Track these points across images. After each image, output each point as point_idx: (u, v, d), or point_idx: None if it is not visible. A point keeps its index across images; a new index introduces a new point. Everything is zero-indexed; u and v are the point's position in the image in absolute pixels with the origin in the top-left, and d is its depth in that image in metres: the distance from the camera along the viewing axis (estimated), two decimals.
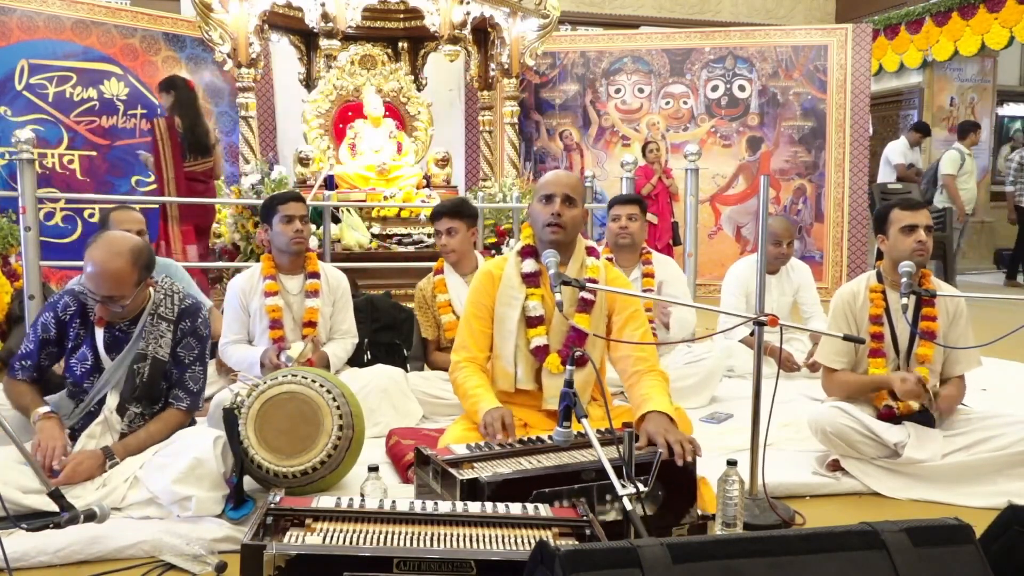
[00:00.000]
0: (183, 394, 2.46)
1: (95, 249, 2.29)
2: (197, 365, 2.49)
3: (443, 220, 3.50)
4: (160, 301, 2.43)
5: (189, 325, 2.46)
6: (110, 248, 2.29)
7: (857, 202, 7.23)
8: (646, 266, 3.85)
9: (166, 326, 2.42)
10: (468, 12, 5.72)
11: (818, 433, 2.63)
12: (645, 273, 3.83)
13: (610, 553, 1.20)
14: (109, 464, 2.29)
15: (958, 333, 2.72)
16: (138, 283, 2.33)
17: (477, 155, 7.23)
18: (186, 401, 2.47)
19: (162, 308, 2.42)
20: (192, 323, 2.47)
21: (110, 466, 2.29)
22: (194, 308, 2.49)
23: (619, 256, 3.84)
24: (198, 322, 2.48)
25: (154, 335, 2.40)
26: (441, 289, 3.54)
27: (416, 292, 3.65)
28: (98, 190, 5.97)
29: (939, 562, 1.25)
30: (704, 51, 7.43)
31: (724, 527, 2.07)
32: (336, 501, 1.67)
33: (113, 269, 2.27)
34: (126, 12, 6.45)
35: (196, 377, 2.49)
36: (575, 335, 2.47)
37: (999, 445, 2.51)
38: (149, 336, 2.39)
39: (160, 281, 2.47)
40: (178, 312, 2.45)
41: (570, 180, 2.50)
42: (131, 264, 2.29)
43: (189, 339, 2.46)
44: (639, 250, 3.87)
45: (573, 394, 1.86)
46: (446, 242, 3.50)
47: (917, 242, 2.62)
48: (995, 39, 8.01)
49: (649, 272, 3.83)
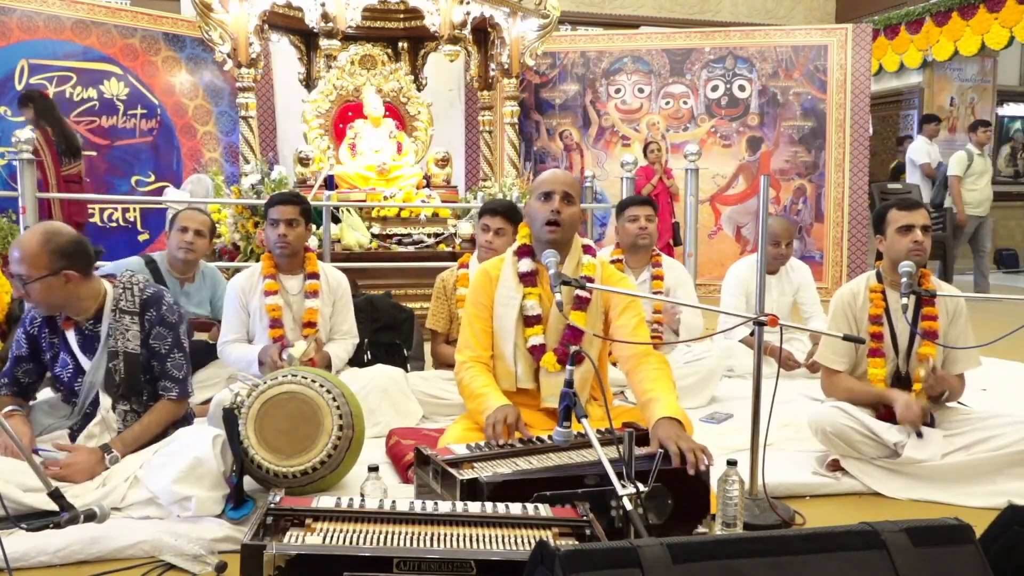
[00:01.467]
0: (170, 383, 2.45)
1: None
2: (176, 352, 2.46)
3: (497, 218, 3.45)
4: (120, 296, 2.41)
5: (155, 314, 2.43)
6: (35, 228, 2.33)
7: (857, 202, 7.23)
8: (656, 268, 3.85)
9: (130, 319, 2.40)
10: (468, 12, 5.72)
11: (818, 433, 2.62)
12: (655, 275, 3.83)
13: (610, 553, 1.20)
14: (108, 459, 2.29)
15: (958, 332, 2.72)
16: (50, 269, 2.26)
17: (477, 155, 7.24)
18: (175, 390, 2.45)
19: (123, 302, 2.40)
20: (157, 311, 2.43)
21: (110, 460, 2.29)
22: (156, 296, 2.45)
23: (631, 257, 3.84)
24: (163, 310, 2.44)
25: (120, 330, 2.38)
26: (463, 283, 3.51)
27: (437, 281, 3.61)
28: (98, 190, 5.98)
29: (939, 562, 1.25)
30: (704, 51, 7.43)
31: (724, 527, 2.07)
32: (336, 501, 1.67)
33: (23, 243, 2.27)
34: (126, 12, 6.45)
35: (179, 364, 2.46)
36: (571, 333, 2.47)
37: (999, 445, 2.51)
38: (116, 332, 2.38)
39: (119, 276, 2.45)
40: (140, 303, 2.42)
41: (568, 178, 2.50)
42: (41, 245, 2.25)
43: (158, 328, 2.43)
44: (651, 252, 3.88)
45: (573, 394, 1.86)
46: (492, 240, 3.44)
47: (913, 242, 2.62)
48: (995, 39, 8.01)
49: (659, 274, 3.83)
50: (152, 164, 6.46)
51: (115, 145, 6.25)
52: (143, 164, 6.41)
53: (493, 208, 3.51)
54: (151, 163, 6.46)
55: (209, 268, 3.70)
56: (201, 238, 3.46)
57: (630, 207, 3.84)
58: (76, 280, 2.32)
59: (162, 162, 6.51)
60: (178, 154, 6.61)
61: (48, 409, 2.51)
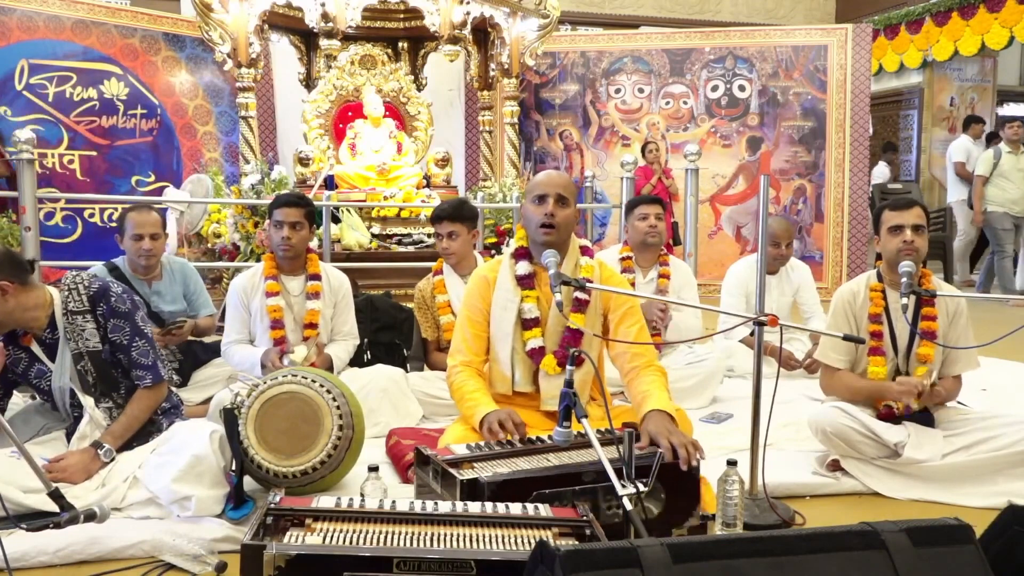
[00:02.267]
0: (141, 372, 2.44)
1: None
2: (138, 339, 2.44)
3: (444, 224, 3.47)
4: (67, 298, 2.40)
5: (105, 308, 2.42)
6: None
7: (857, 202, 7.23)
8: (663, 267, 3.86)
9: (83, 318, 2.39)
10: (468, 12, 5.72)
11: (818, 433, 2.63)
12: (661, 274, 3.84)
13: (610, 553, 1.20)
14: (102, 453, 2.30)
15: (958, 333, 2.72)
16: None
17: (477, 155, 7.24)
18: (148, 376, 2.44)
19: (71, 303, 2.39)
20: (107, 304, 2.42)
21: (104, 455, 2.30)
22: (102, 290, 2.44)
23: (640, 256, 3.85)
24: (112, 301, 2.43)
25: (76, 331, 2.38)
26: (440, 290, 3.53)
27: (415, 293, 3.64)
28: (98, 190, 5.97)
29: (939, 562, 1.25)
30: (704, 51, 7.43)
31: (724, 527, 2.07)
32: (336, 501, 1.67)
33: None
34: (126, 12, 6.45)
35: (143, 351, 2.45)
36: (570, 335, 2.47)
37: (999, 445, 2.51)
38: (72, 335, 2.38)
39: (63, 279, 2.44)
40: (88, 300, 2.41)
41: (562, 180, 2.48)
42: None
43: (113, 321, 2.42)
44: (659, 251, 3.89)
45: (573, 394, 1.86)
46: (447, 245, 3.48)
47: (903, 242, 2.63)
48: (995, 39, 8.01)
49: (665, 273, 3.84)
50: (152, 164, 6.46)
51: (115, 145, 6.25)
52: (143, 164, 6.41)
53: (438, 215, 3.51)
54: (151, 163, 6.45)
55: (175, 261, 3.62)
56: (156, 240, 3.35)
57: (640, 206, 3.85)
58: (13, 291, 2.28)
59: (162, 162, 6.51)
60: (178, 154, 6.61)
61: (45, 410, 2.52)
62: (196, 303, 3.58)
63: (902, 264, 2.59)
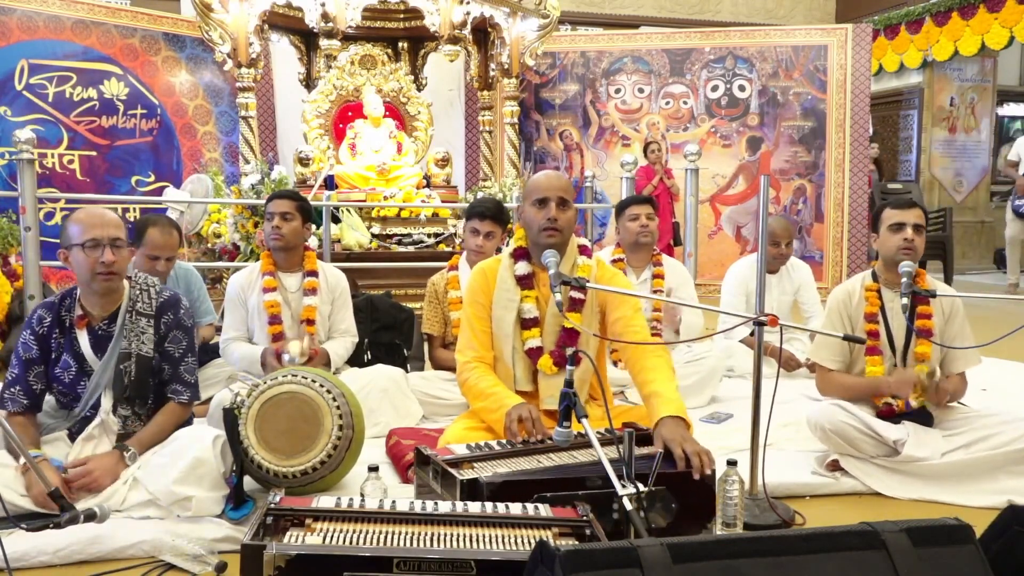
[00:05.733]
0: (182, 387, 2.44)
1: None
2: (189, 356, 2.46)
3: (487, 222, 3.40)
4: (136, 296, 2.38)
5: (172, 318, 2.42)
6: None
7: (857, 202, 7.23)
8: (656, 267, 3.85)
9: (146, 322, 2.38)
10: (468, 12, 5.73)
11: (817, 431, 2.63)
12: (655, 274, 3.83)
13: (610, 553, 1.20)
14: (128, 456, 2.27)
15: (955, 331, 2.72)
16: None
17: (477, 155, 7.24)
18: (186, 393, 2.45)
19: (140, 304, 2.38)
20: (175, 315, 2.43)
21: (129, 458, 2.27)
22: (174, 300, 2.45)
23: (633, 256, 3.84)
24: (180, 313, 2.44)
25: (135, 332, 2.36)
26: (454, 285, 3.48)
27: (428, 285, 3.59)
28: (98, 190, 5.97)
29: (939, 562, 1.25)
30: (704, 51, 7.43)
31: (724, 527, 2.06)
32: (336, 501, 1.67)
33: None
34: (126, 12, 6.45)
35: (191, 368, 2.47)
36: (566, 335, 2.47)
37: (998, 443, 2.51)
38: (130, 334, 2.35)
39: (135, 277, 2.43)
40: (157, 306, 2.41)
41: (561, 182, 2.48)
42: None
43: (175, 332, 2.42)
44: (652, 251, 3.88)
45: (573, 394, 1.86)
46: (482, 244, 3.39)
47: (904, 240, 2.64)
48: (995, 39, 8.01)
49: (659, 273, 3.83)
50: (152, 164, 6.46)
51: (115, 145, 6.25)
52: (143, 164, 6.41)
53: (482, 211, 3.41)
54: (151, 163, 6.46)
55: (181, 267, 3.60)
56: (171, 261, 3.36)
57: (630, 206, 3.83)
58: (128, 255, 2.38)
59: (162, 162, 6.51)
60: (178, 154, 6.61)
61: (47, 410, 2.49)
62: (198, 311, 3.57)
63: (903, 264, 2.60)
